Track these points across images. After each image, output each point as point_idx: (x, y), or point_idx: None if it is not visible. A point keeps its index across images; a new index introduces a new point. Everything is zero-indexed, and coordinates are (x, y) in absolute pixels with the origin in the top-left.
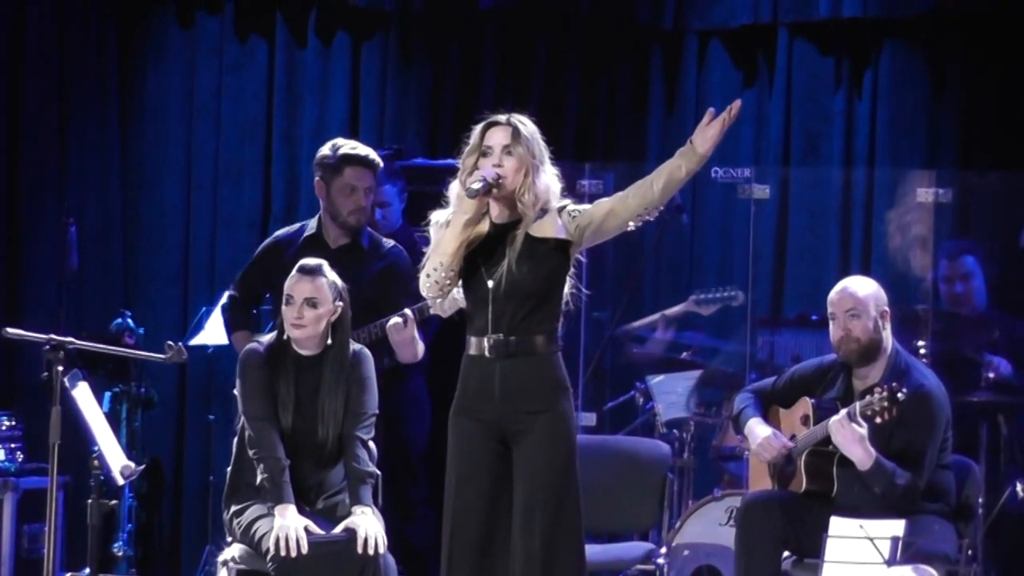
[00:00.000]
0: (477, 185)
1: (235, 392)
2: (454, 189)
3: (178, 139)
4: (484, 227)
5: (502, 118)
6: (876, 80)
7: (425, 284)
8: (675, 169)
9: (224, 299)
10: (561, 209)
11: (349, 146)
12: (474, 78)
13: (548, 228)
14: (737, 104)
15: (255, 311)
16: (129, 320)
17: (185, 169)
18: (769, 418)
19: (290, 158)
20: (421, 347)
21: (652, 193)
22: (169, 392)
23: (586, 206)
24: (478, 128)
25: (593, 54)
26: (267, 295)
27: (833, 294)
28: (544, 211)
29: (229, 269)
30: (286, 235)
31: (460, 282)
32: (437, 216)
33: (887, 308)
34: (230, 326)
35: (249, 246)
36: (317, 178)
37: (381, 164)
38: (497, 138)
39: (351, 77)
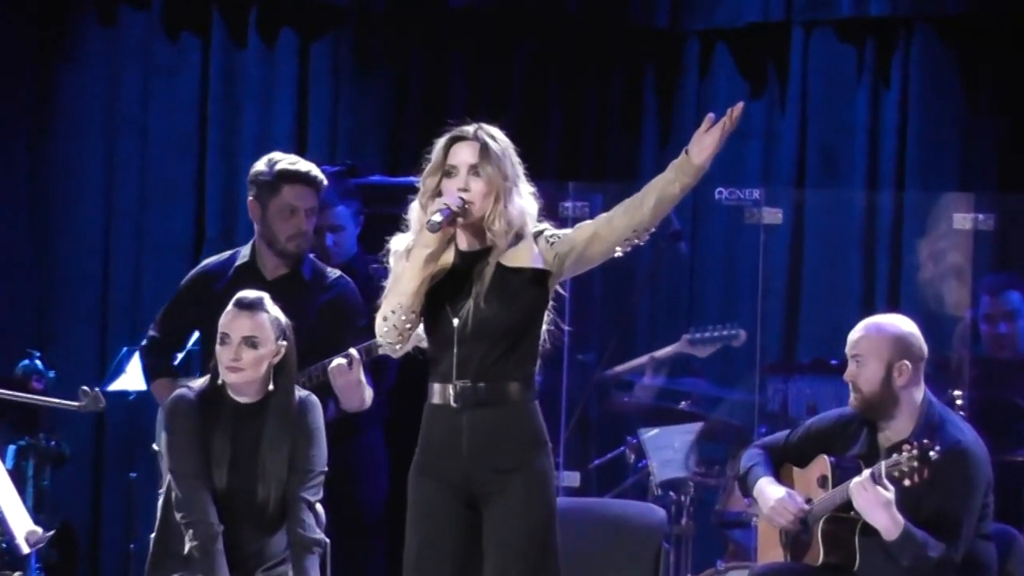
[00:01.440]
0: (438, 218)
1: (159, 446)
2: (415, 211)
3: (97, 154)
4: (449, 257)
5: (468, 131)
6: (905, 88)
7: (382, 329)
8: (668, 184)
9: (144, 341)
10: (538, 235)
11: (288, 161)
12: (442, 85)
13: (523, 256)
14: (739, 107)
15: (180, 354)
16: (38, 361)
17: (105, 189)
18: (781, 478)
19: (228, 175)
20: (369, 393)
21: (642, 213)
22: (84, 446)
23: (566, 231)
24: (441, 143)
25: (579, 59)
26: (193, 336)
27: (851, 333)
28: (519, 237)
29: (155, 304)
30: (215, 265)
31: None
32: (397, 243)
33: (909, 361)
34: (149, 372)
35: (179, 277)
36: (251, 198)
37: (325, 182)
38: (463, 155)
39: (298, 82)
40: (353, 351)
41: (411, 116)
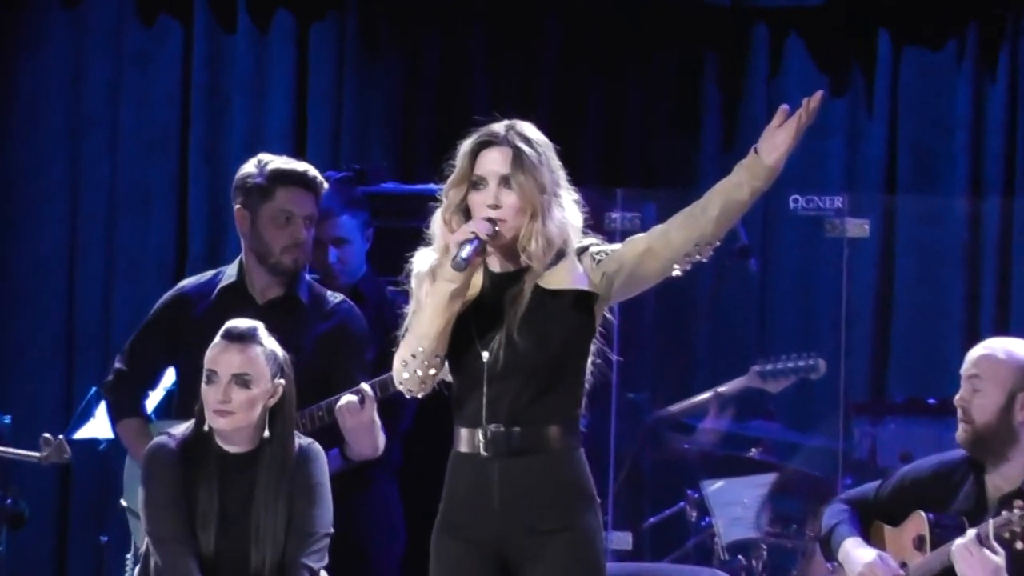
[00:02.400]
0: (465, 253)
1: (129, 503)
2: (437, 224)
3: (60, 157)
4: (478, 281)
5: (498, 133)
6: (1014, 79)
7: (402, 375)
8: (734, 189)
9: (109, 375)
10: (582, 251)
11: (280, 160)
12: (461, 75)
13: (564, 277)
14: (817, 97)
15: (151, 391)
16: None
17: (69, 197)
18: (871, 539)
19: (213, 181)
20: (383, 438)
21: (704, 224)
22: (46, 504)
23: (615, 246)
24: (466, 148)
25: (623, 44)
26: (166, 370)
27: (971, 351)
28: (560, 255)
29: (129, 333)
30: (195, 286)
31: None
32: (420, 262)
33: None
34: (115, 411)
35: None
36: (238, 206)
37: (325, 185)
38: (492, 164)
39: (296, 73)
40: (366, 387)
41: (426, 112)
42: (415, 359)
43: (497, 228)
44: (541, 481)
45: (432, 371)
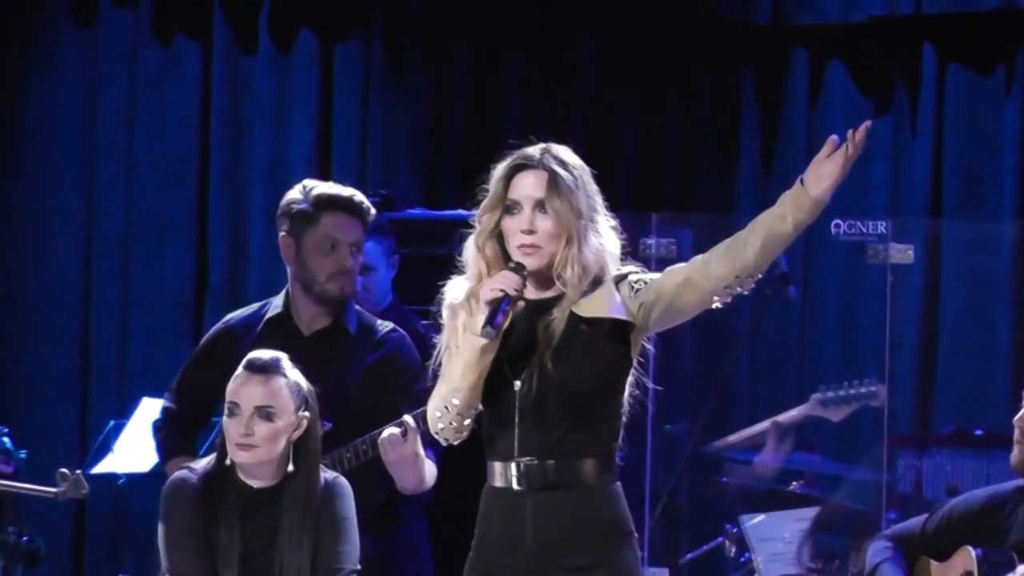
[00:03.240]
0: (496, 320)
1: (157, 540)
2: (470, 252)
3: (74, 184)
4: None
5: (533, 156)
6: None
7: (436, 425)
8: (778, 221)
9: (158, 414)
10: (621, 279)
11: (326, 186)
12: (492, 97)
13: (601, 305)
14: (864, 128)
15: (202, 429)
16: (5, 439)
17: (84, 226)
18: (917, 575)
19: (233, 209)
20: (430, 469)
21: (746, 256)
22: (62, 541)
23: (654, 275)
24: (500, 171)
25: (658, 62)
26: (215, 405)
27: None
28: (597, 282)
29: (146, 367)
30: (241, 319)
31: None
32: (453, 291)
33: None
34: (165, 451)
35: (175, 335)
36: (283, 233)
37: (373, 212)
38: (526, 188)
39: (319, 95)
40: (408, 418)
41: (454, 136)
42: (448, 412)
43: (526, 273)
44: (576, 517)
45: (467, 421)
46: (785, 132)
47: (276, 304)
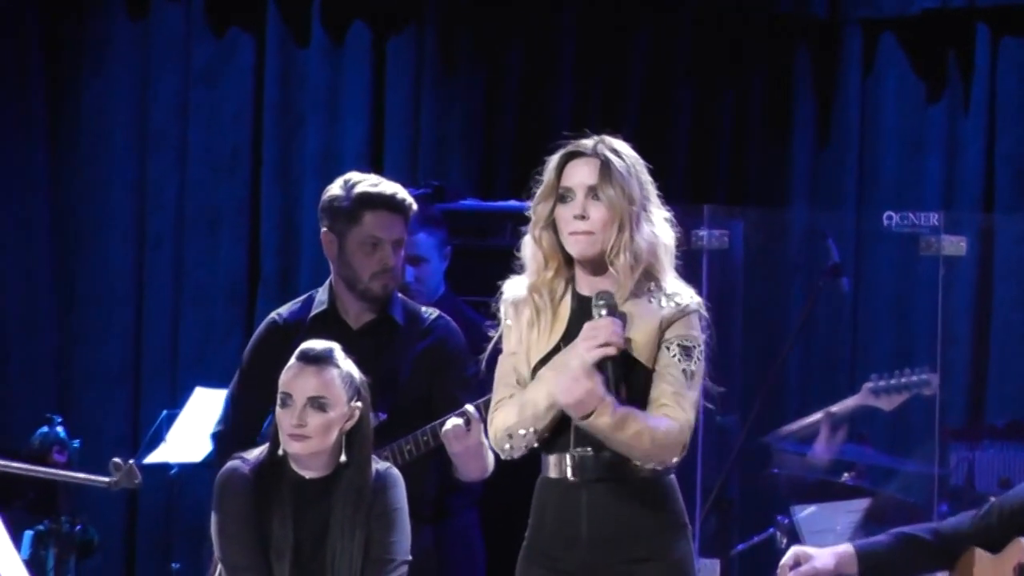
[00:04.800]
0: (611, 375)
1: (210, 531)
2: (528, 247)
3: (126, 177)
4: (566, 305)
5: (587, 146)
6: None
7: (504, 444)
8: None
9: (218, 424)
10: (668, 323)
11: (368, 182)
12: (544, 88)
13: (645, 318)
14: None
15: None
16: (59, 429)
17: (137, 220)
18: (965, 567)
19: (286, 201)
20: (491, 458)
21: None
22: (114, 531)
23: (678, 352)
24: (554, 161)
25: (713, 54)
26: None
27: None
28: (650, 277)
29: (198, 358)
30: (289, 316)
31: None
32: (512, 289)
33: None
34: (223, 460)
35: (227, 327)
36: (324, 229)
37: (415, 206)
38: (579, 176)
39: (372, 87)
40: (470, 408)
41: (507, 128)
42: (523, 436)
43: (620, 311)
44: (630, 509)
45: (536, 444)
46: (837, 122)
47: (321, 300)
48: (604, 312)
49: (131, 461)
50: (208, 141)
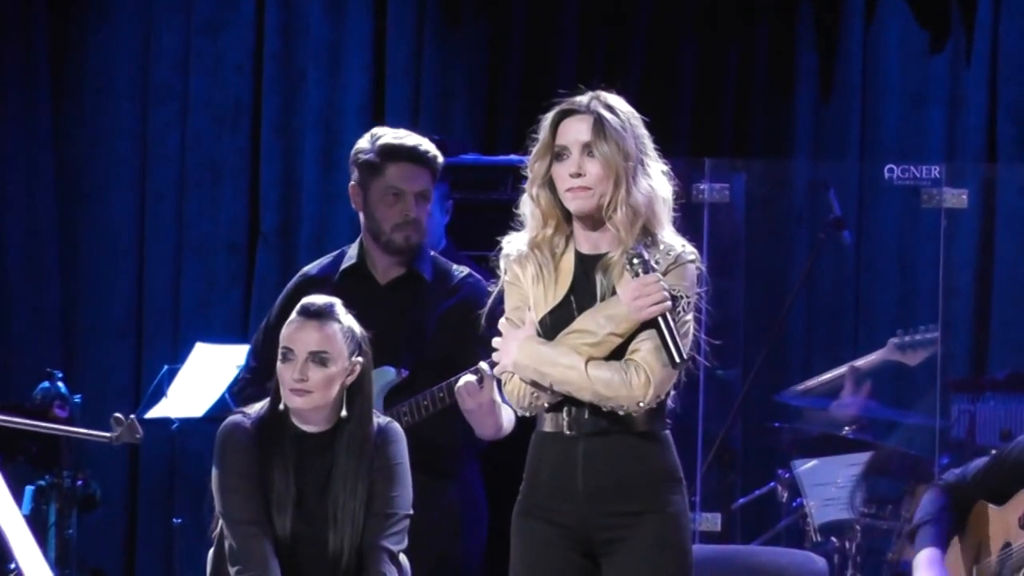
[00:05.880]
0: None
1: (211, 485)
2: (527, 206)
3: (129, 130)
4: (569, 262)
5: (580, 103)
6: None
7: (523, 400)
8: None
9: (237, 376)
10: (673, 264)
11: (393, 135)
12: (547, 42)
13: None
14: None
15: None
16: (60, 384)
17: (139, 173)
18: (973, 520)
19: (286, 155)
20: (507, 415)
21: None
22: (116, 486)
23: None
24: (548, 119)
25: (716, 6)
26: None
27: None
28: (647, 232)
29: (199, 313)
30: (319, 270)
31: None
32: (511, 246)
33: None
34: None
35: (229, 279)
36: (352, 183)
37: (440, 159)
38: (574, 133)
39: (373, 41)
40: (484, 365)
41: (510, 83)
42: (542, 395)
43: (656, 268)
44: (626, 462)
45: (546, 405)
46: (840, 73)
47: (350, 255)
48: (642, 271)
49: (132, 416)
50: (210, 94)
